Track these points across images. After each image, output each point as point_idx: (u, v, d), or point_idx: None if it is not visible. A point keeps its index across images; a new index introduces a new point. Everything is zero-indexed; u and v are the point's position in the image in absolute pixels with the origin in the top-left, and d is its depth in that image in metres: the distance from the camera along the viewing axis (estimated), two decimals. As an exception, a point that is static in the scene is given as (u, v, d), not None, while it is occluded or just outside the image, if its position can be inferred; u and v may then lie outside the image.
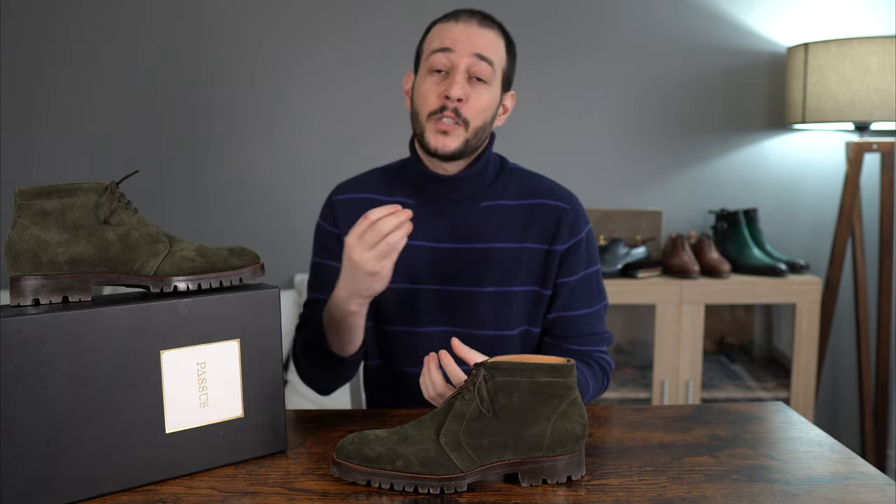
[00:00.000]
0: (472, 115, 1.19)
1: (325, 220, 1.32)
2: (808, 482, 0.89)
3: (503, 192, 1.28)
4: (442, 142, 1.18)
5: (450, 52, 1.18)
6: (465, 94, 1.17)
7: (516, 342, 1.27)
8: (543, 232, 1.26)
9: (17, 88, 2.51)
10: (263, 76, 2.50)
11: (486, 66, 1.18)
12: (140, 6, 2.48)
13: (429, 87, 1.20)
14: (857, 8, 2.45)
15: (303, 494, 0.86)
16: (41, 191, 0.87)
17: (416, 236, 1.27)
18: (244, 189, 2.55)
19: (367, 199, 1.30)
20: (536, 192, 1.28)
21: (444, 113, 1.18)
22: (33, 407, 0.81)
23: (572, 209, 1.27)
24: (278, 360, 0.98)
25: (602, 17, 2.48)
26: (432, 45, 1.21)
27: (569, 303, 1.27)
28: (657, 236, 2.43)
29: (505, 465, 0.87)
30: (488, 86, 1.20)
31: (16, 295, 0.86)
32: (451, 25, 1.21)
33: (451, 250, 1.26)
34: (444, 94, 1.18)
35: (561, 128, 2.52)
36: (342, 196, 1.32)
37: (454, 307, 1.25)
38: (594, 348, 1.29)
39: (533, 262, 1.26)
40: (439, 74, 1.20)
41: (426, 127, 1.20)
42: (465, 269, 1.25)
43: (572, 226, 1.27)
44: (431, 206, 1.27)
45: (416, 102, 1.23)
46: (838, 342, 2.59)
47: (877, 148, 2.26)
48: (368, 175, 1.34)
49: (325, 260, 1.31)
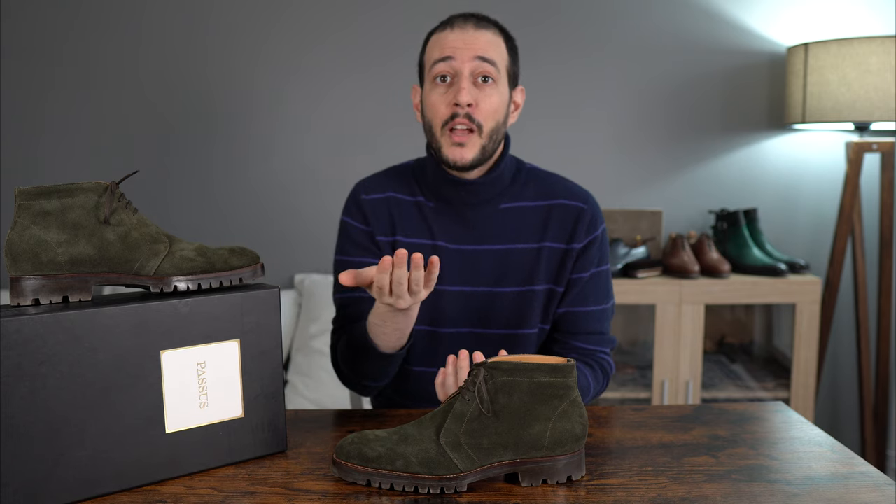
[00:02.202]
0: (485, 117, 1.19)
1: (355, 220, 1.30)
2: (808, 482, 0.89)
3: (522, 194, 1.29)
4: (459, 154, 1.19)
5: (451, 60, 1.18)
6: (473, 98, 1.17)
7: (534, 339, 1.29)
8: (562, 231, 1.27)
9: (17, 88, 2.51)
10: (264, 75, 2.50)
11: (489, 67, 1.18)
12: (141, 6, 2.48)
13: (436, 97, 1.20)
14: (857, 8, 2.44)
15: (303, 494, 0.86)
16: (41, 191, 0.87)
17: (437, 238, 1.27)
18: (244, 189, 2.55)
19: (394, 197, 1.30)
20: (554, 192, 1.29)
21: (456, 120, 1.18)
22: (33, 407, 0.81)
23: (589, 208, 1.29)
24: (278, 360, 0.98)
25: (602, 17, 2.48)
26: (433, 56, 1.21)
27: (579, 298, 1.28)
28: (657, 236, 2.43)
29: (505, 465, 0.87)
30: (496, 85, 1.20)
31: (16, 295, 0.86)
32: (447, 34, 1.20)
33: (473, 252, 1.26)
34: (453, 102, 1.18)
35: (561, 128, 2.52)
36: (370, 196, 1.30)
37: (476, 308, 1.26)
38: (598, 348, 1.30)
39: (551, 260, 1.27)
40: (445, 83, 1.20)
41: (441, 141, 1.20)
42: (486, 270, 1.26)
43: (589, 224, 1.28)
44: (451, 209, 1.27)
45: (426, 115, 1.23)
46: (838, 342, 2.59)
47: (877, 148, 2.26)
48: (389, 174, 1.33)
49: (356, 258, 1.29)
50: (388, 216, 1.29)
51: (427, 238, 1.27)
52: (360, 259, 1.29)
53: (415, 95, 1.30)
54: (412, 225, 1.28)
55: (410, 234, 1.28)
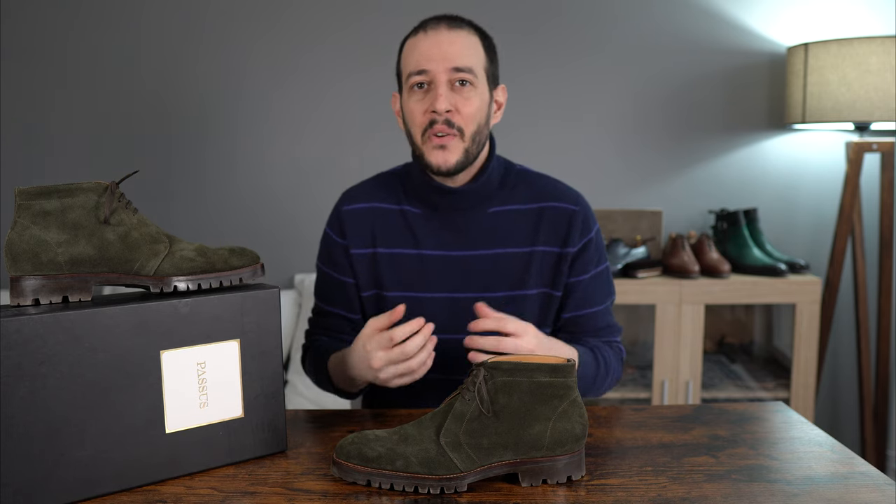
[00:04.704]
0: (465, 122, 1.18)
1: (333, 231, 1.31)
2: (808, 482, 0.89)
3: (511, 197, 1.27)
4: (442, 157, 1.18)
5: (426, 73, 1.17)
6: (451, 104, 1.16)
7: None
8: (554, 235, 1.26)
9: (17, 88, 2.51)
10: (264, 75, 2.50)
11: (465, 74, 1.17)
12: (140, 6, 2.48)
13: (414, 104, 1.19)
14: (857, 8, 2.44)
15: (303, 494, 0.86)
16: (41, 191, 0.87)
17: (421, 246, 1.26)
18: (244, 189, 2.55)
19: (376, 208, 1.29)
20: (545, 194, 1.28)
21: (435, 127, 1.17)
22: (33, 407, 0.81)
23: (581, 210, 1.28)
24: (278, 360, 0.98)
25: (602, 18, 2.48)
26: (408, 66, 1.20)
27: (583, 302, 1.28)
28: (657, 236, 2.43)
29: (505, 465, 0.87)
30: (474, 88, 1.18)
31: (16, 295, 0.86)
32: (420, 39, 1.19)
33: (461, 258, 1.25)
34: (430, 109, 1.17)
35: (561, 128, 2.52)
36: (351, 206, 1.30)
37: (465, 314, 1.26)
38: (610, 338, 1.32)
39: (544, 264, 1.26)
40: (422, 90, 1.19)
41: (423, 148, 1.20)
42: (475, 276, 1.25)
43: (582, 227, 1.27)
44: (438, 215, 1.27)
45: (407, 123, 1.23)
46: (838, 342, 2.59)
47: (877, 148, 2.26)
48: (375, 182, 1.33)
49: (331, 271, 1.32)
50: (370, 228, 1.28)
51: (411, 247, 1.26)
52: (332, 273, 1.31)
53: (395, 102, 1.28)
54: (395, 235, 1.27)
55: (393, 244, 1.27)
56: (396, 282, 1.26)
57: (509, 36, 2.48)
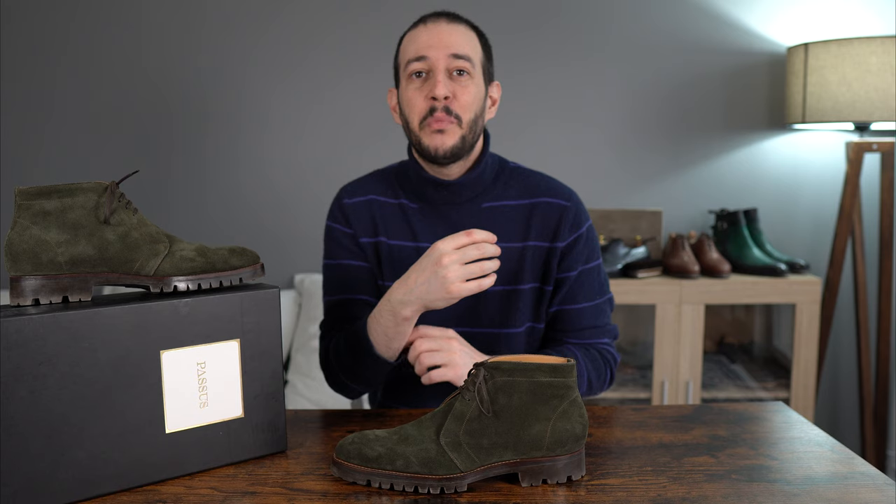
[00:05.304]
0: (462, 109, 1.19)
1: (338, 223, 1.31)
2: (808, 482, 0.89)
3: (504, 193, 1.28)
4: (440, 140, 1.18)
5: (426, 59, 1.18)
6: (450, 90, 1.18)
7: (522, 339, 1.28)
8: (545, 230, 1.27)
9: (17, 88, 2.51)
10: (264, 75, 2.50)
11: (464, 63, 1.19)
12: (140, 6, 2.48)
13: (413, 92, 1.20)
14: (857, 8, 2.44)
15: (303, 494, 0.86)
16: (41, 191, 0.87)
17: (420, 239, 1.27)
18: (244, 189, 2.55)
19: (376, 200, 1.30)
20: (537, 190, 1.29)
21: (434, 115, 1.18)
22: (33, 407, 0.81)
23: (573, 206, 1.28)
24: (278, 360, 0.98)
25: (602, 18, 2.48)
26: (407, 55, 1.21)
27: (569, 297, 1.28)
28: (657, 236, 2.43)
29: (505, 465, 0.87)
30: (471, 78, 1.20)
31: (16, 295, 0.86)
32: (419, 32, 1.21)
33: None
34: (430, 96, 1.18)
35: (561, 128, 2.52)
36: (352, 199, 1.31)
37: (462, 308, 1.26)
38: (595, 340, 1.30)
39: (535, 259, 1.26)
40: (420, 79, 1.20)
41: (421, 134, 1.20)
42: None
43: (573, 222, 1.27)
44: (434, 210, 1.27)
45: (405, 112, 1.23)
46: (838, 342, 2.59)
47: (877, 148, 2.26)
48: (372, 178, 1.34)
49: (344, 260, 1.30)
50: (371, 218, 1.29)
51: (410, 240, 1.27)
52: (348, 262, 1.30)
53: (391, 98, 1.30)
54: (395, 227, 1.28)
55: (393, 236, 1.28)
56: (395, 274, 1.27)
57: (509, 35, 2.48)
